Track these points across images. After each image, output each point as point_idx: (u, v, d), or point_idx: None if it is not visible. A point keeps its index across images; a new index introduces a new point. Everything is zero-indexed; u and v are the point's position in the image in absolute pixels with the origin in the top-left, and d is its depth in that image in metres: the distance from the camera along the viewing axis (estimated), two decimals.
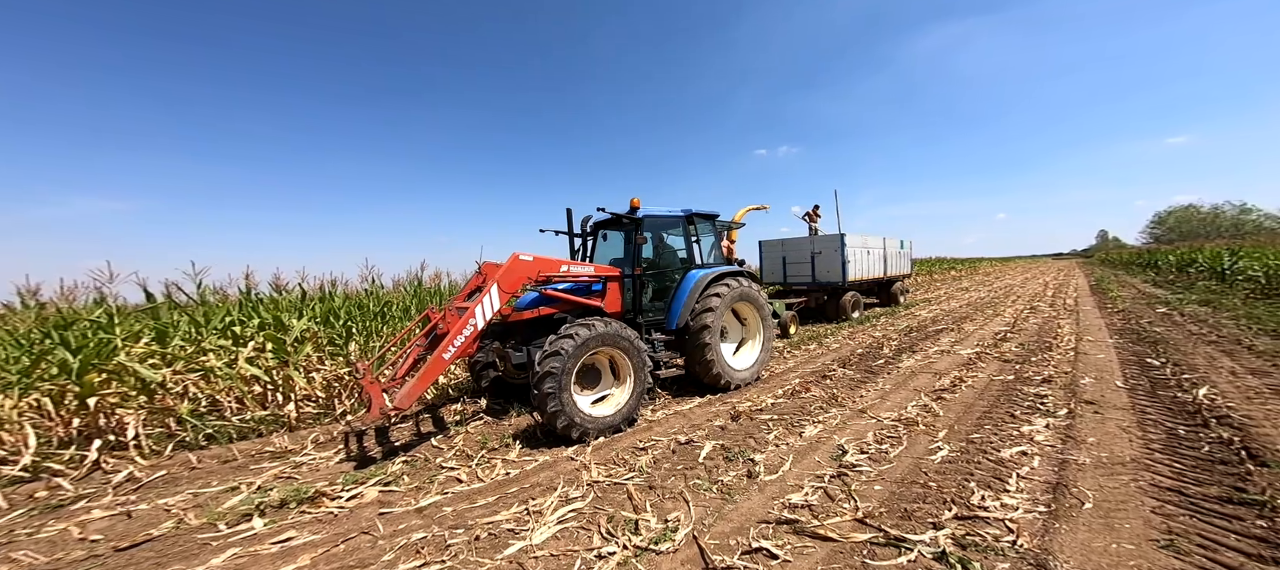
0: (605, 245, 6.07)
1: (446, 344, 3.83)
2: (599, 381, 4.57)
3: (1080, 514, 2.61)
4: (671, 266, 5.90)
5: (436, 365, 3.78)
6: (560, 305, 4.88)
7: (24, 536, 2.90)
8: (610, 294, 5.14)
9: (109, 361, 4.41)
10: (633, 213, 5.14)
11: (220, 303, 6.32)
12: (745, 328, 6.22)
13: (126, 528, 3.01)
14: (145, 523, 3.05)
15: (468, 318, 3.97)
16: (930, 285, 22.46)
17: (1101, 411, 4.22)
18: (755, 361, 5.90)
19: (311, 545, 2.70)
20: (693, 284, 5.42)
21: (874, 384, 5.54)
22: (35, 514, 3.19)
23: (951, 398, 4.85)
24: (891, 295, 13.83)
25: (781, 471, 3.32)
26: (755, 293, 5.93)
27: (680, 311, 5.28)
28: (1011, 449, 3.47)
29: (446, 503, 3.14)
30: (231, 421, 4.75)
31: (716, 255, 6.30)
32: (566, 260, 4.89)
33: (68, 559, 2.66)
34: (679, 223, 5.79)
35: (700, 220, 5.96)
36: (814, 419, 4.39)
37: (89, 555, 2.69)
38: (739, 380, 5.54)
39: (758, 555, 2.41)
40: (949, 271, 30.84)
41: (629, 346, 4.37)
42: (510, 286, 4.29)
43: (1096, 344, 7.15)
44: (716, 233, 6.35)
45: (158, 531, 2.92)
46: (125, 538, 2.86)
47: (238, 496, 3.35)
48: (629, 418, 4.35)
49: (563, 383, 3.88)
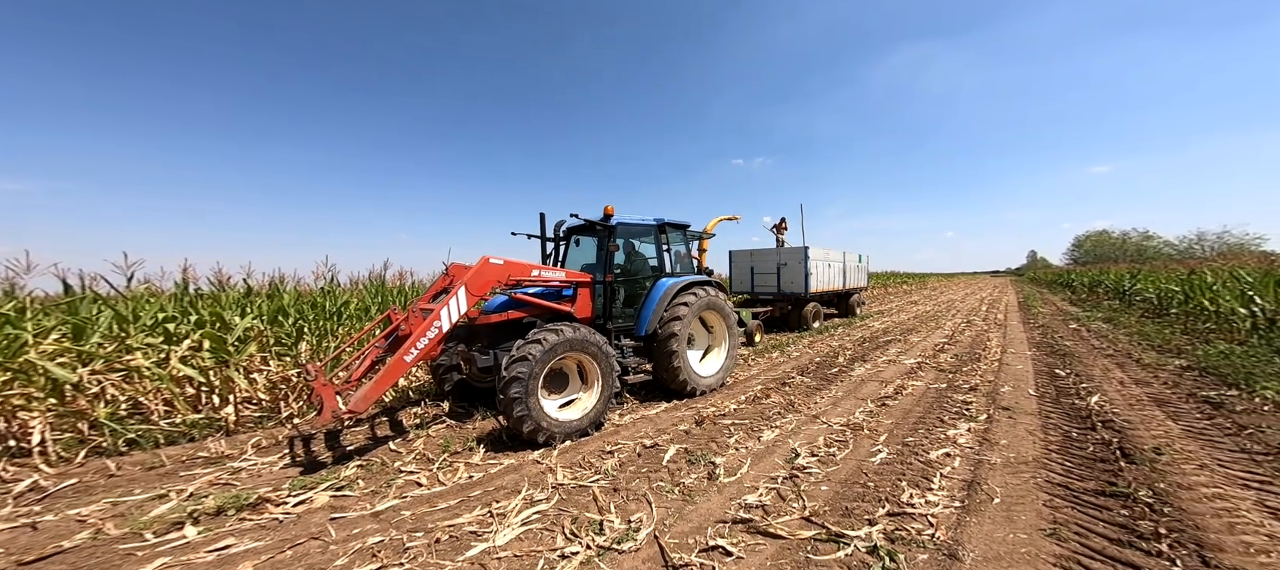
0: (578, 251, 6.11)
1: (408, 345, 3.75)
2: (567, 386, 4.58)
3: (988, 508, 2.95)
4: (642, 274, 6.01)
5: (396, 367, 3.69)
6: (530, 309, 4.87)
7: None
8: (581, 299, 5.17)
9: (15, 359, 3.96)
10: (606, 220, 5.21)
11: (152, 297, 5.77)
12: (712, 335, 6.42)
13: (31, 540, 2.74)
14: (54, 535, 2.78)
15: (432, 319, 3.89)
16: (884, 297, 23.98)
17: (1015, 416, 4.73)
18: (720, 368, 6.09)
19: (254, 552, 2.57)
20: (662, 292, 5.54)
21: (828, 391, 5.90)
22: None
23: (894, 404, 5.26)
24: (850, 306, 14.64)
25: (739, 473, 3.50)
26: (722, 302, 6.11)
27: (649, 318, 5.38)
28: (938, 451, 3.83)
29: (405, 506, 3.07)
30: (158, 426, 4.37)
31: (687, 264, 6.47)
32: (538, 264, 4.87)
33: None
34: (651, 231, 5.91)
35: (671, 229, 6.10)
36: (772, 424, 4.62)
37: None
38: (704, 386, 5.70)
39: (714, 553, 2.54)
40: (901, 285, 33.01)
41: (597, 352, 4.40)
42: (478, 290, 4.25)
43: (1017, 355, 7.96)
44: (687, 242, 6.53)
45: (70, 543, 2.67)
46: (31, 551, 2.60)
47: (166, 504, 3.12)
48: (596, 422, 4.39)
49: (530, 387, 3.88)
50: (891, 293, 27.34)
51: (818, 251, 12.16)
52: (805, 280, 11.51)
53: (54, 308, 5.10)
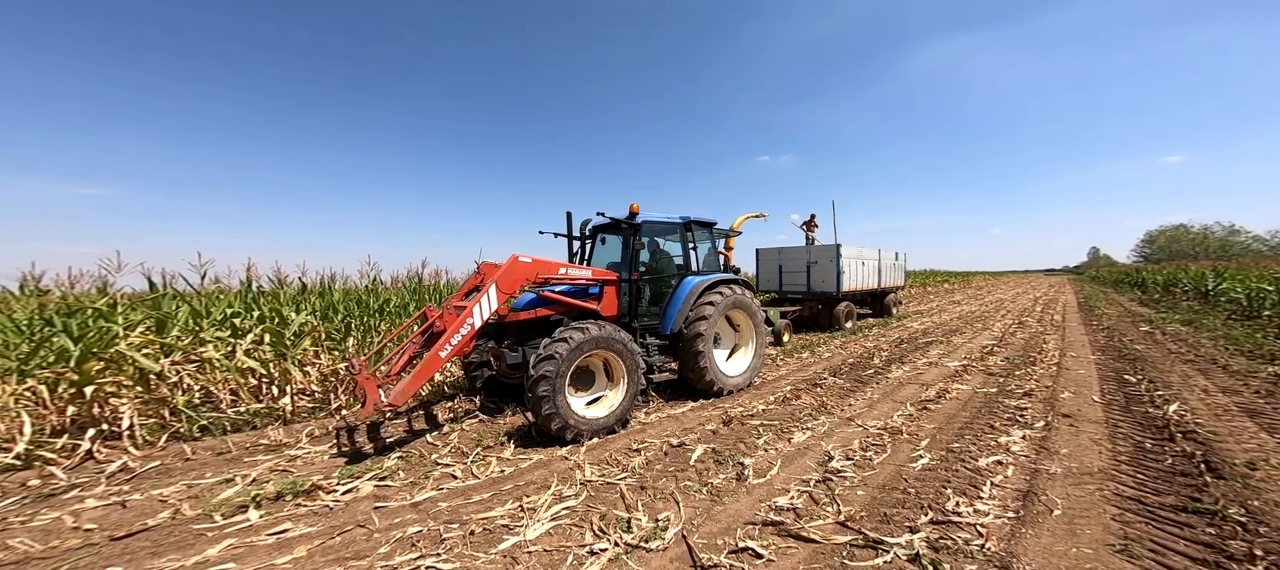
0: (603, 249, 6.15)
1: (443, 342, 3.88)
2: (593, 383, 4.62)
3: (1047, 520, 2.73)
4: (668, 272, 5.99)
5: (432, 363, 3.82)
6: (558, 307, 4.93)
7: (18, 524, 2.91)
8: (607, 297, 5.19)
9: (108, 350, 4.43)
10: (631, 218, 5.21)
11: (221, 294, 6.33)
12: (739, 334, 6.31)
13: (121, 517, 3.03)
14: (140, 513, 3.07)
15: (464, 317, 4.01)
16: (923, 298, 22.75)
17: (1077, 424, 4.36)
18: (748, 368, 5.98)
19: (307, 537, 2.74)
20: (688, 290, 5.50)
21: (863, 393, 5.66)
22: (28, 502, 3.20)
23: (936, 408, 4.98)
24: (885, 306, 14.01)
25: (769, 475, 3.42)
26: (749, 301, 6.01)
27: (675, 317, 5.36)
28: (988, 458, 3.59)
29: (442, 498, 3.20)
30: (226, 414, 4.78)
31: (713, 262, 6.40)
32: (565, 263, 4.93)
33: (63, 547, 2.68)
34: (676, 229, 5.88)
35: (697, 227, 6.04)
36: (803, 425, 4.49)
37: (84, 544, 2.71)
38: (731, 386, 5.61)
39: (743, 555, 2.50)
40: (942, 284, 31.23)
41: (623, 350, 4.42)
42: (508, 287, 4.34)
43: (1079, 360, 7.34)
44: (713, 240, 6.45)
45: (153, 521, 2.94)
46: (121, 527, 2.88)
47: (232, 488, 3.37)
48: (621, 420, 4.40)
49: (557, 385, 3.93)
50: (931, 292, 25.92)
51: (851, 249, 11.71)
52: (837, 279, 11.13)
53: (139, 303, 5.69)
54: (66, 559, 2.54)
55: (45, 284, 6.10)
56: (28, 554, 2.61)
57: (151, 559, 2.55)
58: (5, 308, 5.70)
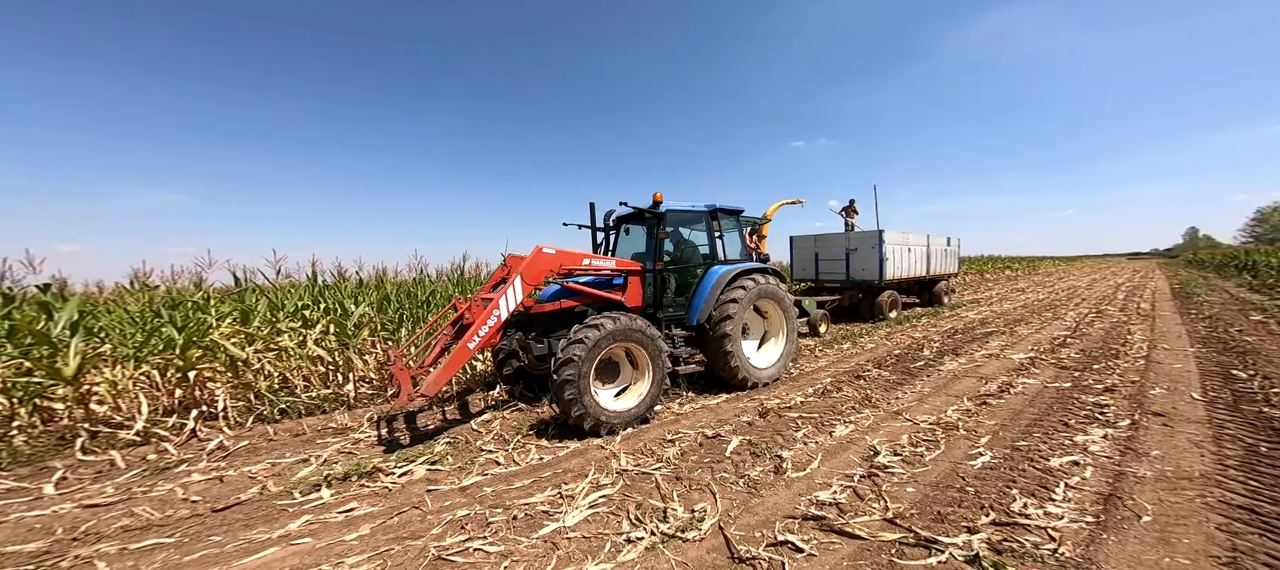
0: (628, 240, 6.07)
1: (471, 334, 3.96)
2: (618, 375, 4.63)
3: (1134, 527, 2.47)
4: (693, 262, 5.87)
5: (461, 354, 3.91)
6: (581, 298, 4.92)
7: (140, 494, 3.35)
8: (631, 288, 5.14)
9: (204, 339, 5.02)
10: (655, 207, 5.12)
11: (293, 288, 6.98)
12: (768, 325, 6.12)
13: (220, 491, 3.40)
14: (234, 487, 3.44)
15: (491, 309, 4.07)
16: (980, 285, 21.04)
17: (1171, 424, 3.89)
18: (778, 360, 5.78)
19: (370, 516, 2.96)
20: (715, 280, 5.36)
21: (912, 386, 5.35)
22: (147, 474, 3.68)
23: (998, 403, 4.61)
24: (935, 295, 13.12)
25: (810, 469, 3.32)
26: (779, 290, 5.81)
27: (701, 307, 5.24)
28: (1062, 458, 3.29)
29: (486, 483, 3.36)
30: (300, 398, 5.27)
31: (742, 251, 6.21)
32: (589, 254, 4.92)
33: (175, 516, 3.04)
34: (702, 218, 5.73)
35: (724, 215, 5.87)
36: (845, 418, 4.32)
37: (192, 514, 3.06)
38: (760, 378, 5.45)
39: (783, 548, 2.45)
40: (1002, 271, 28.69)
41: (647, 342, 4.37)
42: (533, 279, 4.37)
43: (1173, 352, 6.51)
44: (741, 228, 6.21)
45: (245, 496, 3.27)
46: (220, 500, 3.24)
47: (308, 468, 3.71)
48: (647, 412, 4.38)
49: (581, 376, 3.92)
50: (990, 280, 23.88)
51: (895, 235, 11.00)
52: (880, 266, 10.49)
53: (227, 297, 6.39)
54: (179, 527, 2.89)
55: (152, 281, 7.00)
56: (149, 522, 2.99)
57: (244, 531, 2.84)
58: (121, 302, 6.59)
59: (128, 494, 3.34)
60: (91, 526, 2.87)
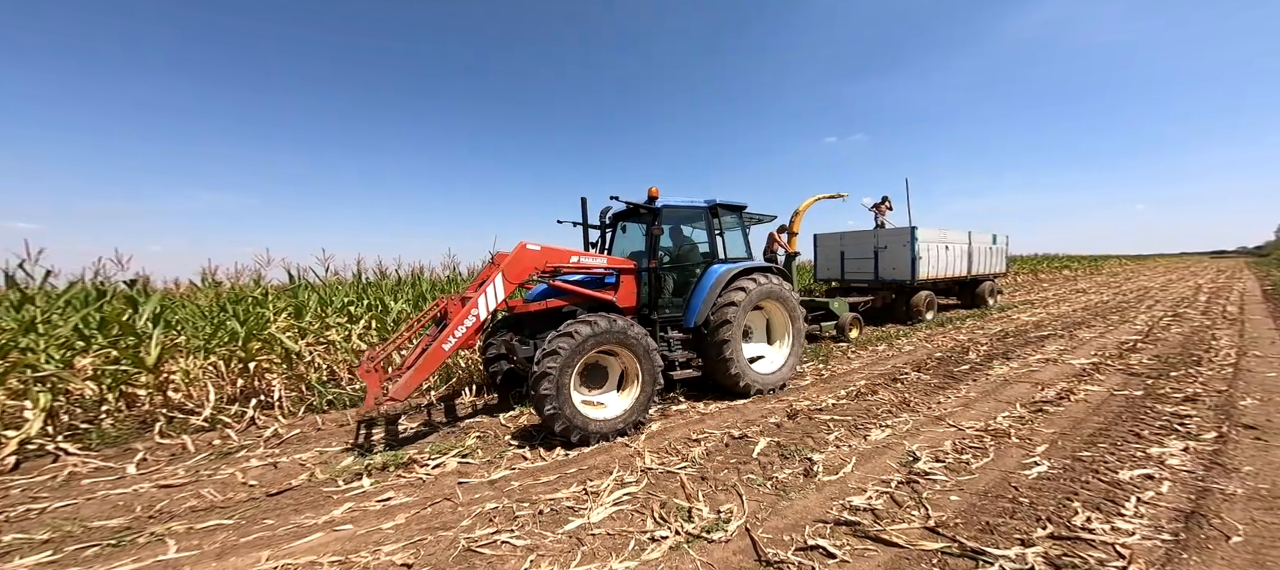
0: (625, 237, 5.81)
1: (447, 334, 3.78)
2: (606, 381, 4.35)
3: (1221, 547, 2.20)
4: (693, 261, 5.56)
5: (435, 356, 3.74)
6: (570, 298, 4.68)
7: (206, 477, 3.63)
8: (624, 288, 4.86)
9: (263, 332, 5.44)
10: (650, 202, 4.84)
11: (340, 285, 7.47)
12: (773, 329, 5.75)
13: (274, 476, 3.62)
14: (287, 473, 3.66)
15: (469, 308, 3.87)
16: (1034, 286, 19.54)
17: (1265, 438, 3.45)
18: (783, 366, 5.42)
19: (405, 506, 3.06)
20: (713, 279, 5.04)
21: (955, 390, 5.02)
22: (212, 458, 3.98)
23: (1056, 411, 4.25)
24: (978, 296, 12.25)
25: (842, 473, 3.18)
26: (785, 291, 5.48)
27: (699, 308, 4.94)
28: (1133, 471, 2.99)
29: (514, 477, 3.42)
30: (345, 390, 5.59)
31: (745, 250, 5.82)
32: (577, 251, 4.68)
33: (236, 499, 3.25)
34: (701, 213, 5.40)
35: (725, 212, 5.51)
36: (881, 422, 4.12)
37: (249, 497, 3.27)
38: (762, 385, 5.10)
39: (814, 553, 2.35)
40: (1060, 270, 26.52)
41: (635, 346, 4.07)
42: (515, 277, 4.15)
43: (1267, 361, 5.79)
44: (744, 225, 5.85)
45: (295, 482, 3.46)
46: (274, 485, 3.44)
47: (350, 457, 3.90)
48: (635, 421, 4.09)
49: (560, 383, 3.69)
50: (1045, 280, 22.12)
51: (930, 232, 10.34)
52: (913, 265, 9.86)
53: (282, 293, 6.90)
54: (238, 510, 3.10)
55: (218, 277, 7.68)
56: (213, 503, 3.22)
57: (294, 515, 3.00)
58: (192, 298, 7.23)
59: (196, 477, 3.62)
60: (165, 506, 3.13)
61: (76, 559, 2.51)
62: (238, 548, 2.61)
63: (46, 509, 3.07)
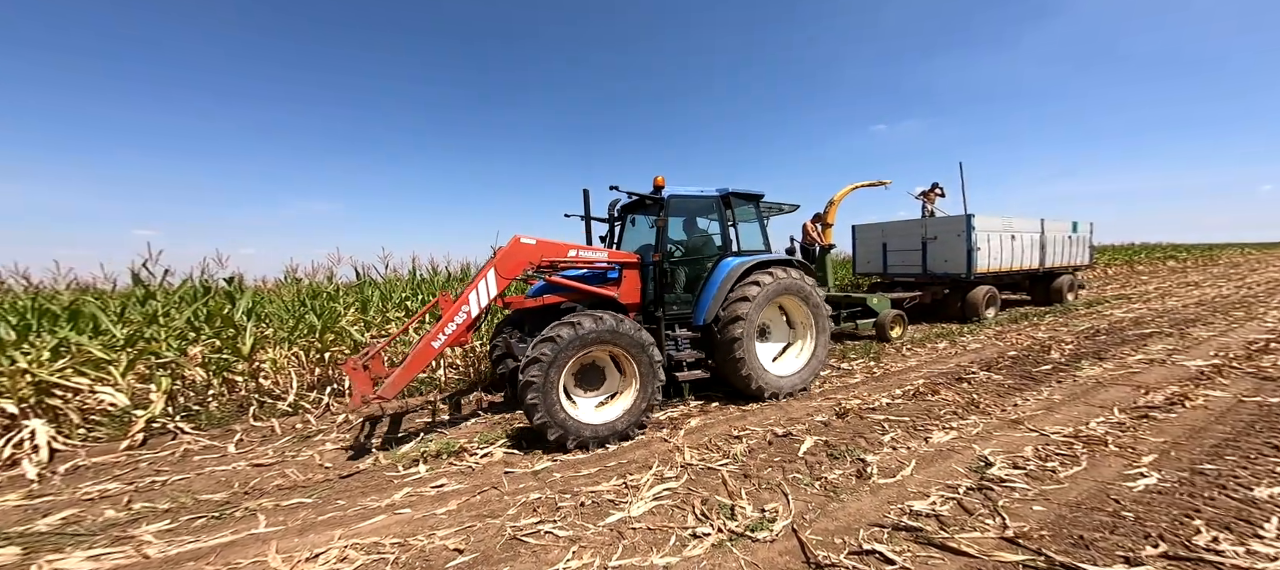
0: (634, 230, 5.55)
1: (436, 331, 3.72)
2: (603, 382, 4.14)
3: None
4: (705, 254, 5.20)
5: (424, 353, 3.68)
6: (567, 294, 4.47)
7: (290, 457, 3.98)
8: (627, 283, 4.59)
9: (336, 325, 5.99)
10: (656, 192, 4.59)
11: (398, 281, 8.11)
12: (793, 327, 5.32)
13: (345, 461, 3.90)
14: (355, 457, 3.94)
15: (459, 304, 3.79)
16: (1130, 279, 17.12)
17: None
18: (803, 368, 5.01)
19: (457, 493, 3.20)
20: (725, 273, 4.71)
21: (1035, 392, 4.50)
22: (294, 441, 4.38)
23: (1167, 418, 3.68)
24: (1054, 291, 10.80)
25: (900, 476, 2.94)
26: (805, 286, 5.05)
27: (708, 304, 4.63)
28: (1270, 487, 2.50)
29: (556, 469, 3.47)
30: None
31: (763, 242, 5.45)
32: (577, 244, 4.49)
33: (314, 479, 3.54)
34: (712, 203, 5.05)
35: (739, 201, 5.15)
36: (944, 424, 3.78)
37: (325, 479, 3.56)
38: (778, 388, 4.74)
39: (869, 558, 2.18)
40: (1163, 261, 23.02)
41: (632, 346, 3.83)
42: (508, 273, 4.01)
43: None
44: (761, 216, 5.49)
45: (362, 466, 3.73)
46: (345, 468, 3.72)
47: (408, 444, 4.13)
48: (633, 426, 3.89)
49: (547, 385, 3.54)
50: (1143, 272, 19.31)
51: (990, 219, 9.22)
52: (969, 257, 8.82)
53: (351, 289, 7.58)
54: (316, 490, 3.37)
55: (298, 275, 8.62)
56: (295, 483, 3.53)
57: (361, 496, 3.22)
58: (279, 294, 8.10)
59: (282, 457, 4.00)
60: (257, 483, 3.48)
61: (188, 528, 2.84)
62: (315, 525, 2.83)
63: (167, 481, 3.52)
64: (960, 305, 9.13)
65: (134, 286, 6.78)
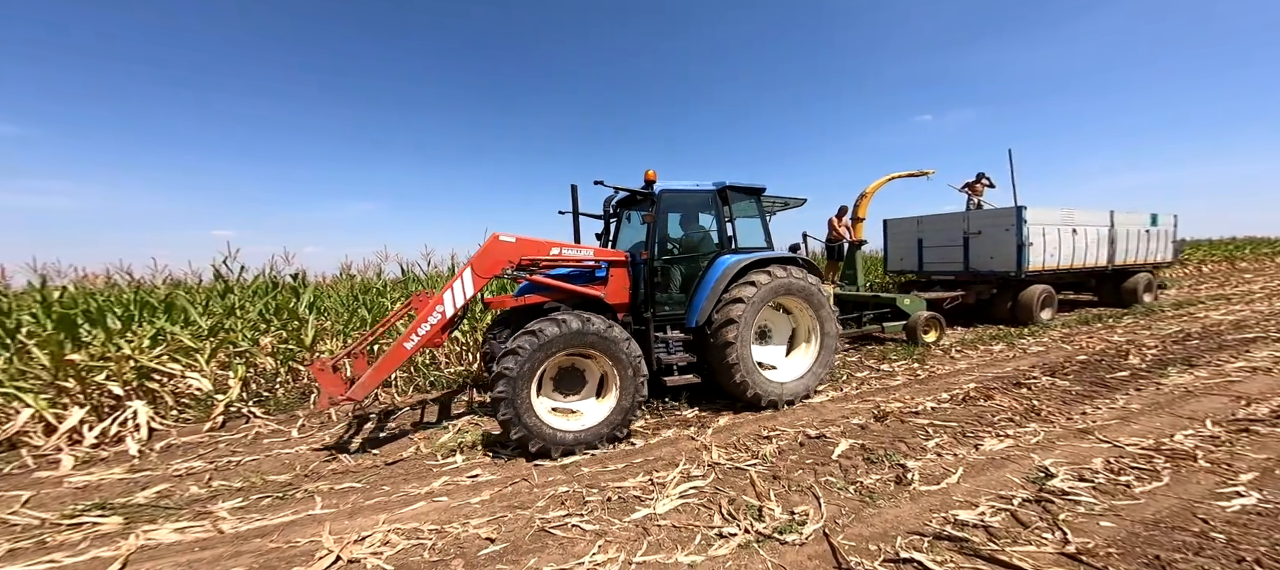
0: (629, 228, 5.33)
1: (409, 332, 3.66)
2: (583, 386, 4.04)
3: None
4: (699, 251, 4.97)
5: (396, 354, 3.64)
6: (552, 294, 4.32)
7: (344, 444, 4.28)
8: (614, 282, 4.41)
9: (383, 319, 6.41)
10: (647, 186, 4.43)
11: (438, 277, 8.57)
12: (797, 329, 5.03)
13: (392, 448, 4.12)
14: (401, 445, 4.16)
15: (433, 304, 3.73)
16: (1230, 277, 15.05)
17: None
18: (806, 374, 4.70)
19: (489, 483, 3.31)
20: (720, 272, 4.48)
21: (1108, 400, 4.06)
22: (349, 428, 4.73)
23: (1271, 432, 3.23)
24: (1126, 291, 9.64)
25: (945, 483, 2.76)
26: (810, 286, 4.75)
27: (701, 305, 4.42)
28: None
29: (584, 463, 3.53)
30: (444, 372, 6.32)
31: (764, 239, 5.17)
32: (560, 242, 4.34)
33: (363, 466, 3.73)
34: (708, 199, 4.79)
35: (737, 196, 4.87)
36: (998, 431, 3.50)
37: (373, 465, 3.77)
38: (774, 395, 4.46)
39: (906, 567, 2.06)
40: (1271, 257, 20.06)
41: (610, 349, 3.67)
42: (485, 272, 3.91)
43: None
44: (763, 211, 5.21)
45: (405, 454, 3.93)
46: (391, 455, 3.93)
47: (447, 435, 4.33)
48: (614, 433, 3.76)
49: (517, 391, 3.44)
50: (1245, 269, 16.92)
51: (1045, 212, 8.26)
52: (1019, 253, 7.95)
53: (396, 284, 8.07)
54: (365, 475, 3.58)
55: (352, 272, 9.30)
56: (347, 468, 3.76)
57: (404, 483, 3.39)
58: (334, 290, 8.76)
59: (336, 443, 4.33)
60: (315, 467, 3.76)
61: (257, 506, 3.12)
62: (363, 509, 3.02)
63: (241, 462, 3.89)
64: (1011, 306, 8.30)
65: (215, 281, 7.61)
